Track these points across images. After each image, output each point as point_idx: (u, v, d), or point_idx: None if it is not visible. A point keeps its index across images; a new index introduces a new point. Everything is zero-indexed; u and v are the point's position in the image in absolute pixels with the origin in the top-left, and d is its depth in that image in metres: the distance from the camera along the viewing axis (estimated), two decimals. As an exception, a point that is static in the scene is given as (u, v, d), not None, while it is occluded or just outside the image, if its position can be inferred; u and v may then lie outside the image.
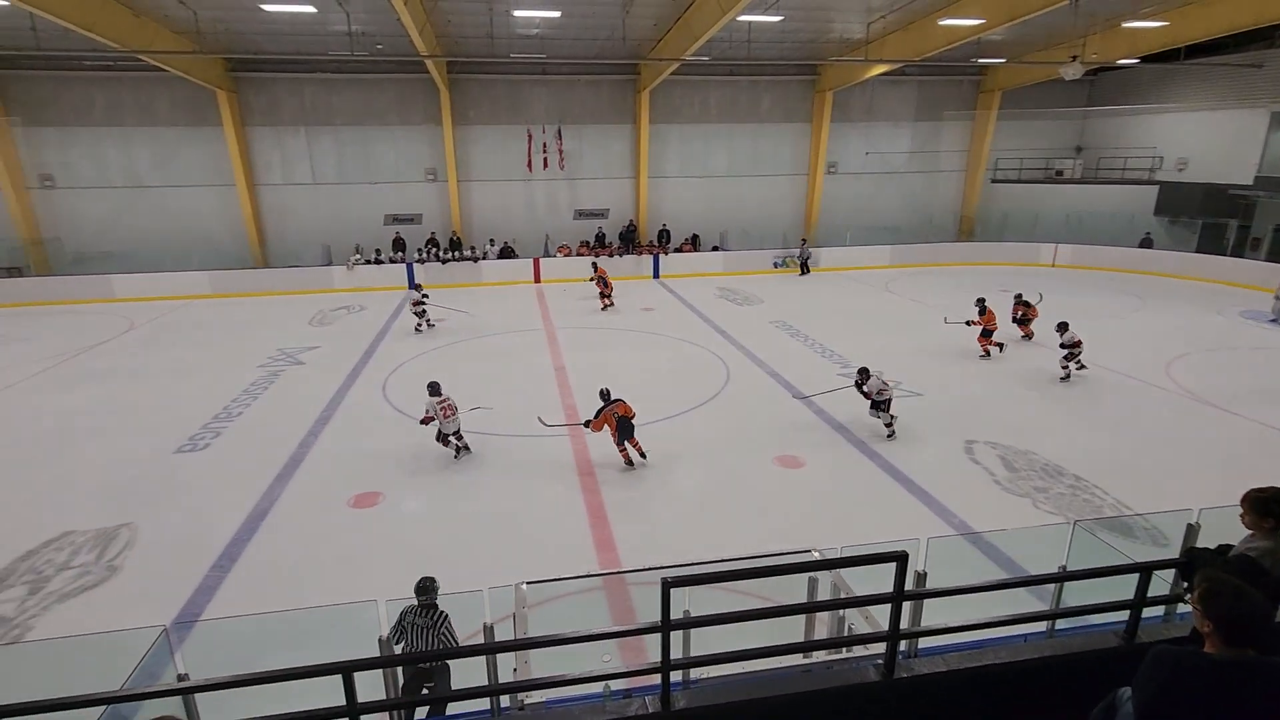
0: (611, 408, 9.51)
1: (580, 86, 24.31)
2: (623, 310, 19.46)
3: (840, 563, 3.47)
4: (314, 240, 23.69)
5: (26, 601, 6.85)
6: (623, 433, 9.50)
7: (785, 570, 3.61)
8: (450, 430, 9.70)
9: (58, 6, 13.97)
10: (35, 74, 21.32)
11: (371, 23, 17.95)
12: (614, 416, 9.48)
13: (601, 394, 9.78)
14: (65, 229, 22.83)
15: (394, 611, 4.79)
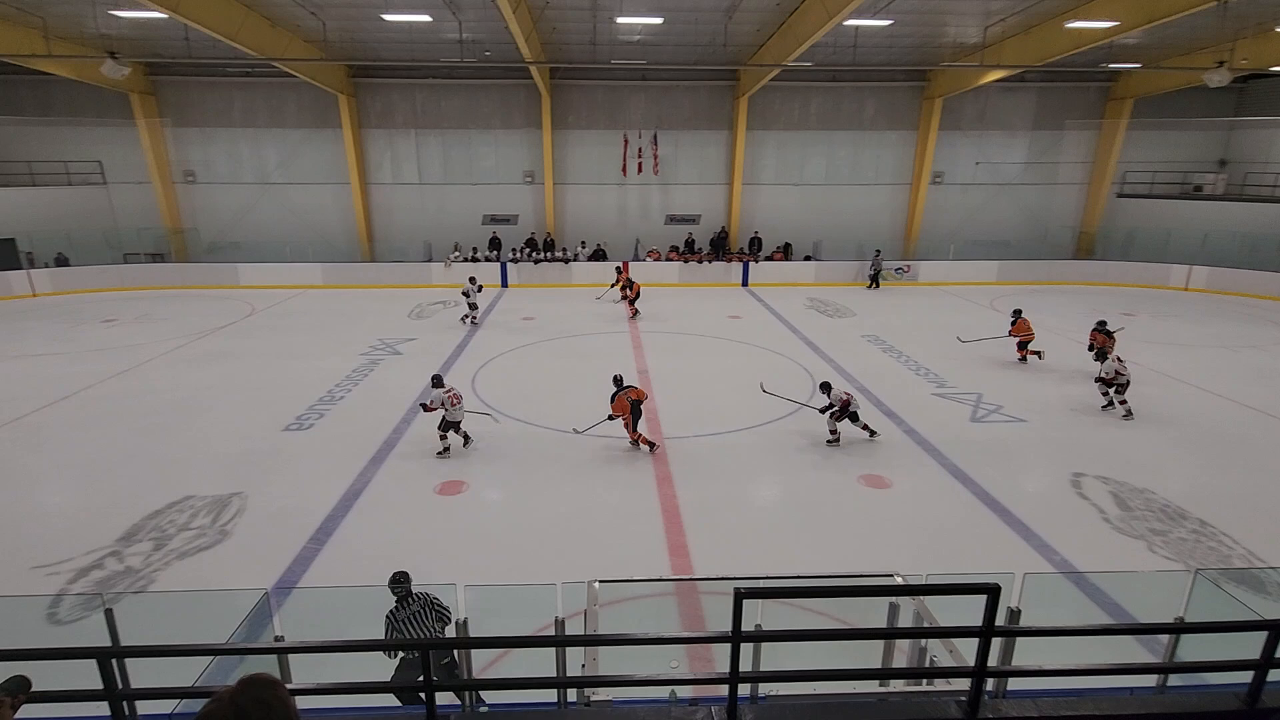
0: (625, 392, 10.05)
1: (678, 92, 24.43)
2: (710, 317, 19.34)
3: (926, 589, 3.28)
4: (417, 237, 24.95)
5: (151, 556, 7.53)
6: (635, 415, 10.06)
7: (866, 592, 3.45)
8: (456, 419, 10.04)
9: (209, 19, 15.40)
10: (185, 80, 23.62)
11: (481, 30, 18.73)
12: (627, 400, 9.98)
13: (615, 380, 10.36)
14: (202, 220, 25.17)
15: (474, 596, 4.92)
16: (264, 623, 5.57)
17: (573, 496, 8.94)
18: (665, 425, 11.20)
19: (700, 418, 11.56)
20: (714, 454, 10.25)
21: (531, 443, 10.57)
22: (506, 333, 17.35)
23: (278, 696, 1.58)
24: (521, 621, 5.04)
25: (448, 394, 9.98)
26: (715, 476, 9.50)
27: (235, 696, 1.54)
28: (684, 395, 12.79)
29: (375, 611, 4.92)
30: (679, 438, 10.73)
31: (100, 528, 8.01)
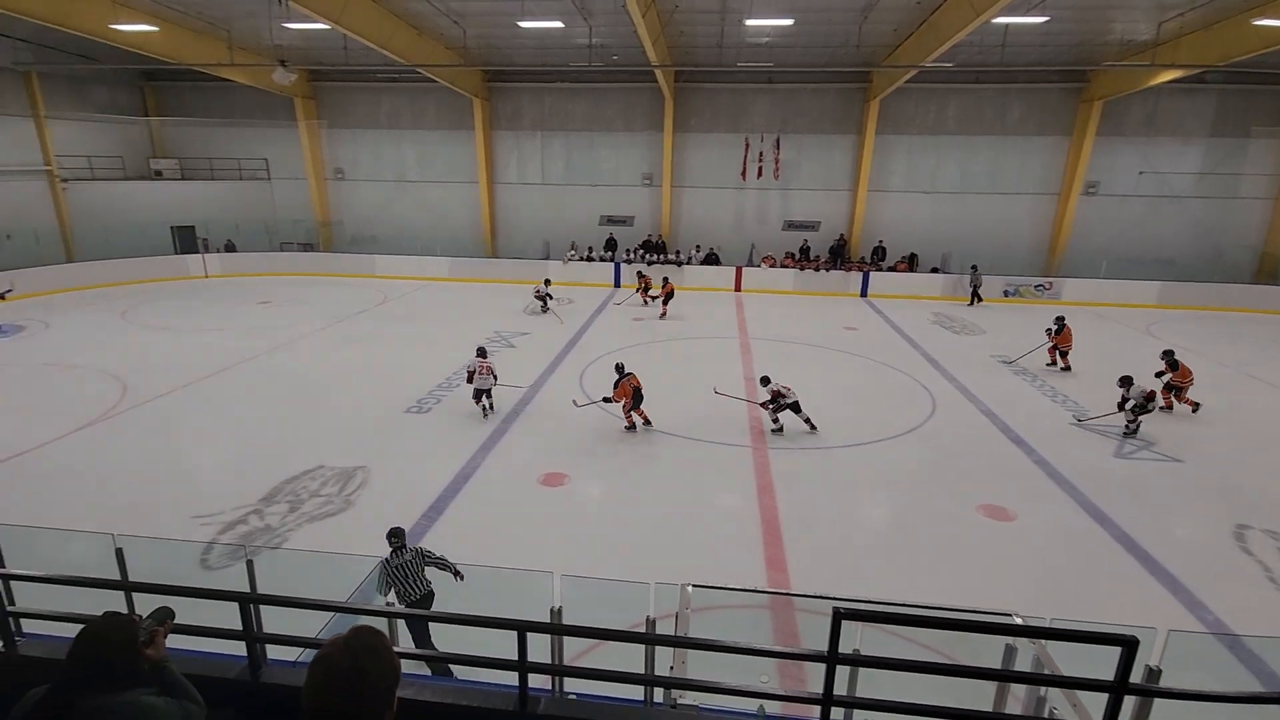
0: (627, 379, 10.87)
1: (804, 95, 23.83)
2: (824, 327, 18.71)
3: (1052, 633, 2.96)
4: (536, 235, 25.92)
5: (286, 517, 8.25)
6: (635, 401, 10.86)
7: (981, 628, 3.15)
8: (485, 387, 11.36)
9: (365, 28, 16.75)
10: (340, 85, 25.85)
11: (610, 36, 19.16)
12: (630, 386, 10.81)
13: (617, 367, 11.20)
14: (346, 214, 27.45)
15: (568, 585, 5.00)
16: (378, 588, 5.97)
17: (672, 498, 8.91)
18: (769, 435, 10.93)
19: (806, 431, 11.18)
20: (820, 468, 9.89)
21: (634, 442, 10.66)
22: (616, 333, 17.62)
23: (385, 646, 1.73)
24: (612, 616, 5.04)
25: (482, 364, 11.38)
26: (819, 491, 9.15)
27: (349, 642, 1.69)
28: (615, 364, 12.38)
29: (476, 589, 5.11)
30: (783, 449, 10.43)
31: (246, 487, 8.87)
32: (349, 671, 1.64)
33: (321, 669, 1.65)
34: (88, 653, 2.27)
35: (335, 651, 1.67)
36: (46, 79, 22.84)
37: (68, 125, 23.76)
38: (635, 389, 10.85)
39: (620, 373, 11.04)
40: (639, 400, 10.90)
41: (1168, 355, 12.21)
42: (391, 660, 1.72)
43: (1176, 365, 12.07)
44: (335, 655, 1.66)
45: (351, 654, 1.67)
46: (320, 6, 14.98)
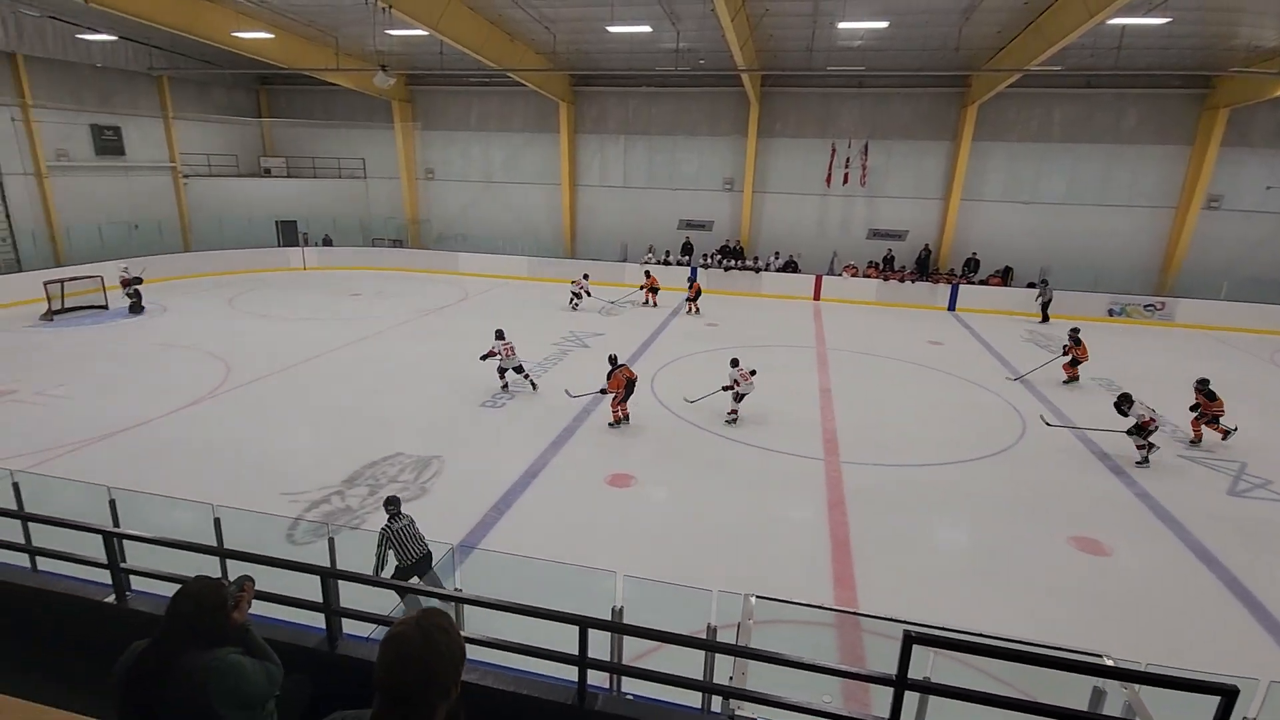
0: (621, 369, 11.03)
1: (896, 100, 23.04)
2: (907, 341, 18.01)
3: (1145, 678, 2.69)
4: (614, 238, 26.16)
5: (366, 499, 8.62)
6: (627, 392, 11.03)
7: (1067, 666, 2.92)
8: (510, 366, 12.47)
9: (461, 34, 17.40)
10: (435, 89, 26.93)
11: (698, 39, 19.14)
12: (623, 378, 10.94)
13: (610, 359, 11.34)
14: (434, 212, 28.55)
15: (630, 586, 4.98)
16: (447, 574, 6.13)
17: (738, 507, 8.77)
18: (844, 449, 10.60)
19: (884, 446, 10.78)
20: (896, 486, 9.50)
21: (703, 447, 10.56)
22: (689, 337, 17.54)
23: (454, 627, 1.79)
24: (672, 620, 4.99)
25: (504, 345, 12.44)
26: (894, 510, 8.78)
27: (420, 621, 1.75)
28: (867, 420, 12.02)
29: (539, 582, 5.16)
30: (857, 464, 10.09)
31: (331, 469, 9.33)
32: (421, 649, 1.70)
33: (395, 646, 1.71)
34: (185, 610, 2.46)
35: (408, 630, 1.72)
36: (175, 83, 24.90)
37: (191, 125, 25.82)
38: (629, 380, 11.07)
39: (613, 364, 11.19)
40: (629, 393, 11.15)
41: (1202, 385, 11.22)
42: (459, 640, 1.78)
43: (1214, 396, 11.07)
44: (408, 633, 1.71)
45: (423, 632, 1.72)
46: (420, 14, 15.67)
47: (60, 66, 21.13)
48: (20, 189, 20.53)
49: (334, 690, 3.63)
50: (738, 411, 11.45)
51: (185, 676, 2.36)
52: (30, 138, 20.63)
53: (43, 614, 3.96)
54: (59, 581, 4.06)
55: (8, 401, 11.56)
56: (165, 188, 25.20)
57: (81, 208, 22.11)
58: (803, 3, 16.18)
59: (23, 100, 20.31)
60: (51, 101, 21.10)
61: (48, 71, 20.92)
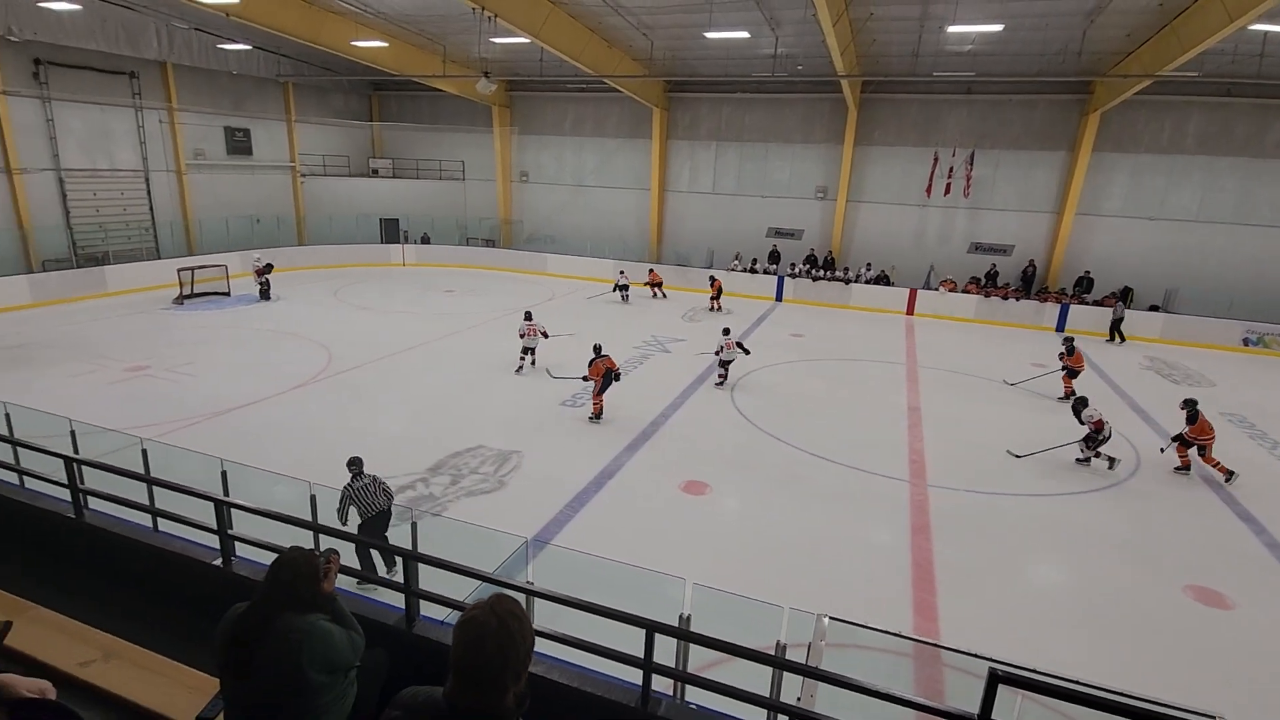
0: (603, 359, 11.34)
1: (1008, 107, 21.78)
2: (1008, 362, 16.98)
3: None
4: (701, 244, 26.05)
5: (448, 488, 8.93)
6: (605, 383, 11.27)
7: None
8: (532, 345, 13.77)
9: (561, 42, 17.86)
10: (533, 95, 27.75)
11: (796, 45, 18.82)
12: (603, 367, 11.25)
13: (595, 348, 11.62)
14: (526, 214, 29.41)
15: (698, 594, 4.91)
16: (520, 566, 6.24)
17: (815, 523, 8.50)
18: (931, 471, 10.09)
19: (975, 471, 10.18)
20: (987, 514, 8.96)
21: (782, 460, 10.32)
22: (772, 347, 17.20)
23: (525, 613, 1.85)
24: (740, 634, 4.89)
25: (530, 326, 13.74)
26: (985, 540, 8.27)
27: (494, 606, 1.80)
28: (958, 442, 11.39)
29: (606, 583, 5.16)
30: (945, 488, 9.57)
31: (417, 456, 9.73)
32: (497, 633, 1.75)
33: (472, 629, 1.76)
34: (284, 578, 2.64)
35: (483, 614, 1.77)
36: (298, 89, 26.85)
37: (310, 128, 27.76)
38: (608, 370, 11.30)
39: (597, 353, 11.47)
40: (607, 384, 11.35)
41: (1189, 405, 10.38)
42: (530, 627, 1.83)
43: (1195, 418, 10.19)
44: (484, 618, 1.76)
45: (498, 618, 1.77)
46: (523, 21, 16.19)
47: (202, 74, 23.21)
48: (163, 184, 22.66)
49: (409, 667, 3.77)
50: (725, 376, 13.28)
51: (280, 637, 2.53)
52: (173, 138, 22.75)
53: (160, 571, 4.31)
54: (175, 542, 4.41)
55: (142, 376, 12.75)
56: (284, 185, 27.21)
57: (212, 202, 24.18)
58: (910, 6, 15.62)
59: (169, 104, 22.42)
60: (193, 105, 23.19)
61: (191, 78, 23.02)
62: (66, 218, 20.16)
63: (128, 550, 4.40)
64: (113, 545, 4.44)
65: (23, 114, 18.82)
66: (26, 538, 4.72)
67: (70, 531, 4.55)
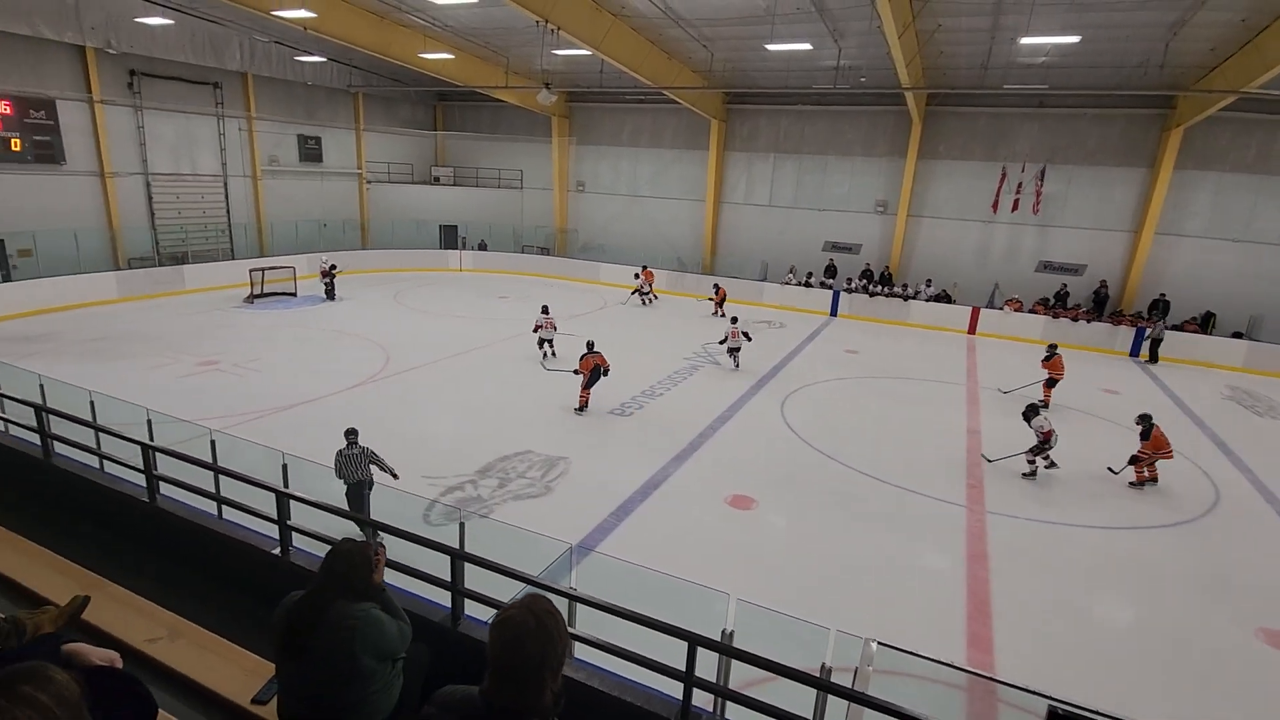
0: (594, 355, 11.98)
1: (1082, 122, 20.93)
2: (1076, 387, 16.23)
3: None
4: (754, 256, 25.84)
5: (496, 491, 9.05)
6: (593, 377, 11.90)
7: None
8: (548, 337, 15.07)
9: (621, 53, 18.08)
10: (592, 106, 28.13)
11: (860, 57, 18.55)
12: (593, 363, 11.87)
13: (587, 344, 12.29)
14: (581, 223, 29.77)
15: (742, 610, 4.83)
16: (564, 572, 6.27)
17: (865, 545, 8.27)
18: (991, 497, 9.70)
19: (1041, 500, 9.75)
20: (1049, 545, 8.55)
21: (833, 478, 10.10)
22: (825, 362, 16.90)
23: (560, 615, 1.86)
24: (783, 653, 4.78)
25: (546, 319, 15.02)
26: (1047, 573, 7.89)
27: (530, 605, 1.81)
28: (1022, 469, 10.91)
29: (648, 593, 5.13)
30: (1006, 515, 9.19)
31: (467, 458, 9.90)
32: (535, 632, 1.75)
33: (510, 628, 1.77)
34: (337, 568, 2.73)
35: (520, 614, 1.78)
36: (367, 99, 27.94)
37: (377, 137, 28.82)
38: (597, 366, 11.89)
39: (589, 349, 12.15)
40: (595, 379, 11.92)
41: (1143, 421, 10.39)
42: (565, 627, 1.85)
43: (1148, 434, 10.20)
44: (521, 617, 1.77)
45: (535, 616, 1.77)
46: (585, 34, 16.46)
47: (279, 85, 24.40)
48: (239, 189, 23.86)
49: (452, 665, 3.81)
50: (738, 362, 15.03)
51: (335, 625, 2.62)
52: (251, 145, 23.94)
53: (223, 556, 4.49)
54: (238, 530, 4.59)
55: (212, 370, 13.39)
56: (351, 191, 28.29)
57: (283, 207, 25.31)
58: (980, 18, 15.21)
59: (248, 113, 23.62)
60: (269, 114, 24.39)
61: (270, 89, 24.22)
62: (152, 219, 21.42)
63: (195, 535, 4.60)
64: (181, 530, 4.65)
65: (117, 121, 20.12)
66: (104, 518, 4.99)
67: (144, 515, 4.79)
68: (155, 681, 3.29)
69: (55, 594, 3.65)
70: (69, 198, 19.23)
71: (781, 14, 15.89)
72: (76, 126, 19.11)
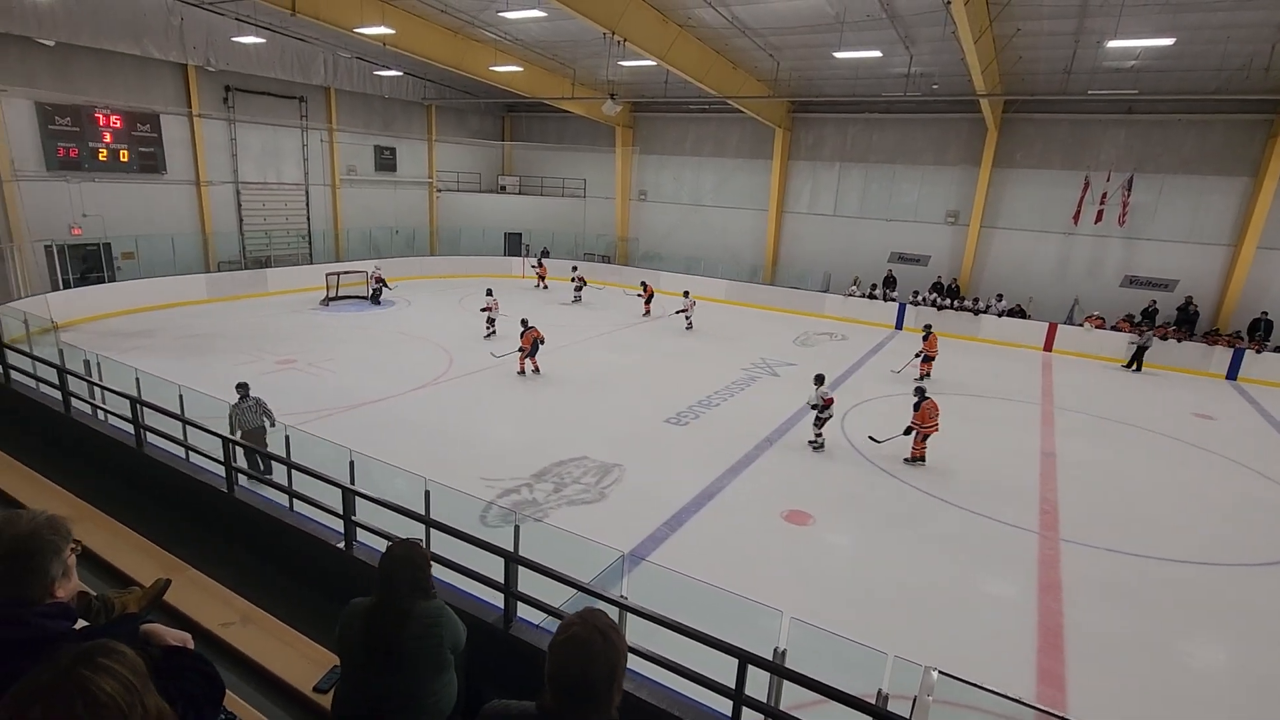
0: (531, 330, 14.04)
1: (1176, 128, 19.63)
2: (1163, 410, 15.26)
3: None
4: (817, 266, 25.38)
5: (551, 495, 9.16)
6: (534, 349, 14.12)
7: None
8: (493, 317, 17.21)
9: (686, 64, 18.13)
10: (656, 116, 28.28)
11: (933, 63, 18.05)
12: (531, 337, 13.98)
13: (522, 321, 14.21)
14: (642, 232, 29.90)
15: (795, 629, 4.72)
16: (615, 580, 6.28)
17: (927, 569, 7.96)
18: (1066, 525, 9.19)
19: (1122, 530, 9.17)
20: (1133, 578, 8.03)
21: (894, 498, 9.78)
22: (888, 378, 16.40)
23: (619, 630, 1.85)
24: (837, 676, 4.65)
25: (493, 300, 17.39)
26: (1129, 607, 7.41)
27: (590, 620, 1.80)
28: (1101, 496, 10.32)
29: (698, 607, 5.07)
30: (1082, 545, 8.68)
31: (523, 461, 10.06)
32: (604, 648, 1.74)
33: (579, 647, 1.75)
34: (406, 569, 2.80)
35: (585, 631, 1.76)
36: (439, 111, 28.93)
37: (447, 147, 29.79)
38: (535, 340, 14.09)
39: (524, 325, 14.11)
40: (535, 350, 14.15)
41: (918, 393, 10.83)
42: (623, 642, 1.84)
43: (918, 406, 10.63)
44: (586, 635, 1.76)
45: (600, 633, 1.76)
46: (651, 45, 16.59)
47: (358, 98, 25.56)
48: (319, 197, 25.08)
49: (503, 666, 3.86)
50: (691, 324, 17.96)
51: (419, 620, 2.73)
52: (331, 156, 25.14)
53: (292, 548, 4.69)
54: (307, 523, 4.80)
55: (289, 369, 14.07)
56: (421, 200, 29.32)
57: (359, 214, 26.45)
58: (1064, 21, 14.55)
59: (330, 125, 24.82)
60: (349, 126, 25.56)
61: (350, 102, 25.41)
62: (240, 225, 22.74)
63: (268, 526, 4.83)
64: (256, 520, 4.89)
65: (212, 134, 21.49)
66: (188, 506, 5.29)
67: (223, 504, 5.06)
68: (226, 664, 3.46)
69: (140, 574, 3.89)
70: (168, 205, 20.63)
71: (851, 21, 15.62)
72: (177, 139, 20.51)
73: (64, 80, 17.77)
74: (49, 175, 17.64)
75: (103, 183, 18.84)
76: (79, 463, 5.86)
